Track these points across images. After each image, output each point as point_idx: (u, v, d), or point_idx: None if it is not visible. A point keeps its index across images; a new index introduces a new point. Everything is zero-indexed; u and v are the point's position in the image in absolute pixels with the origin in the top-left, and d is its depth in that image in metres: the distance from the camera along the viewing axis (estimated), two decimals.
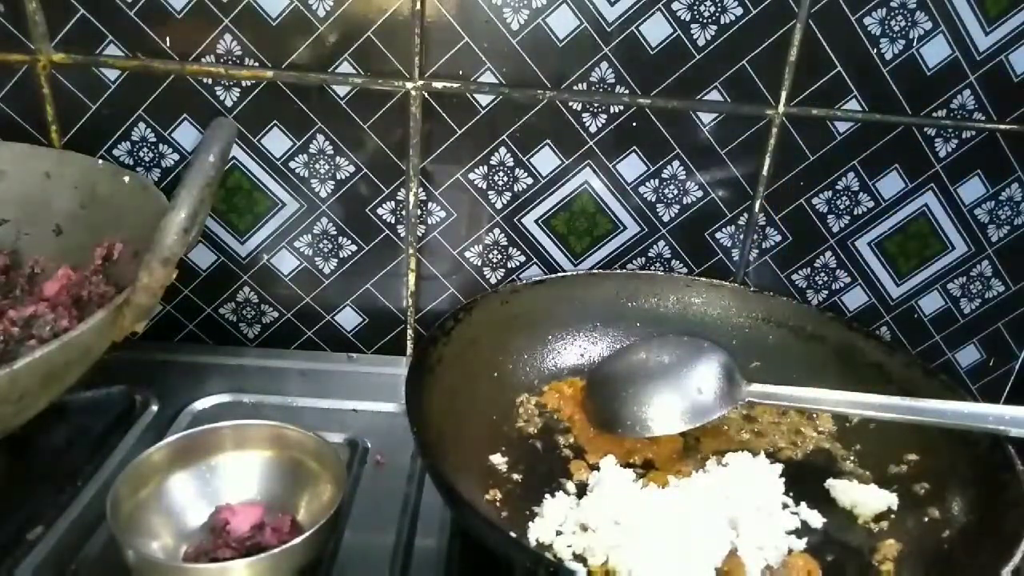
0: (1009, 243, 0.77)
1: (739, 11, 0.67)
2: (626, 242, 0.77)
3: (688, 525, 0.53)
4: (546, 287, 0.71)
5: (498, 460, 0.61)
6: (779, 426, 0.66)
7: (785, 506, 0.58)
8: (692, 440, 0.64)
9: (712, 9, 0.67)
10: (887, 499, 0.58)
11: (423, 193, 0.75)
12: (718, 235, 0.77)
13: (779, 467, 0.59)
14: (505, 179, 0.74)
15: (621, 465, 0.60)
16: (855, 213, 0.76)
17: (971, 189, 0.75)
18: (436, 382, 0.59)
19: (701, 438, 0.64)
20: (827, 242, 0.77)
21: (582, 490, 0.59)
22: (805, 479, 0.61)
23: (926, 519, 0.56)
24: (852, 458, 0.63)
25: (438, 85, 0.70)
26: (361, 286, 0.79)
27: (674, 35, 0.68)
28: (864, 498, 0.58)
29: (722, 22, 0.68)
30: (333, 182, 0.74)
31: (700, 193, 0.75)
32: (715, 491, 0.56)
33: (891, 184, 0.74)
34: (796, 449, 0.64)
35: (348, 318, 0.80)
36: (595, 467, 0.60)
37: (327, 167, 0.73)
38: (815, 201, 0.75)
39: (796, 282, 0.79)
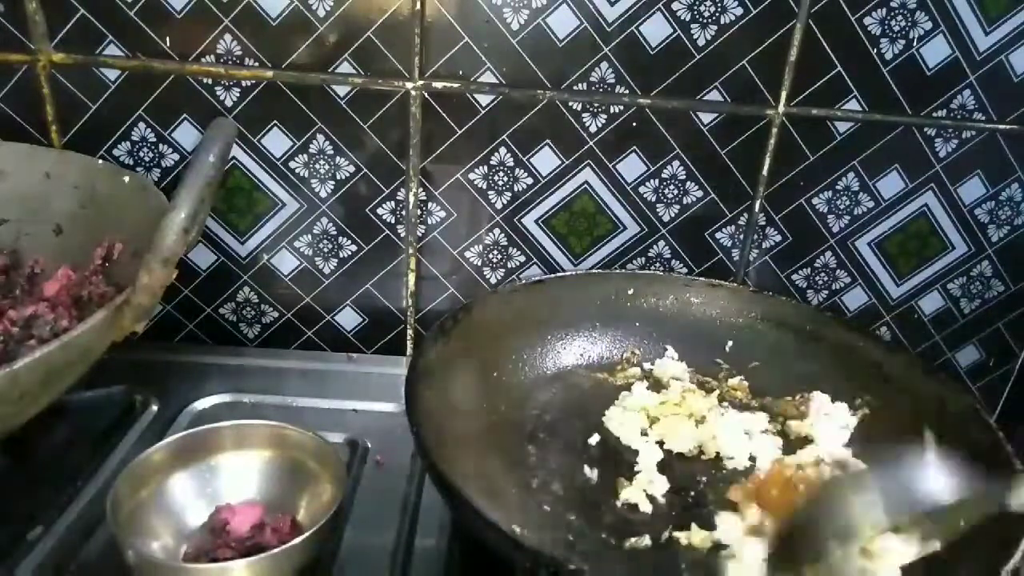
0: (1009, 243, 0.77)
1: (739, 11, 0.67)
2: (626, 242, 0.77)
3: None
4: (546, 287, 0.71)
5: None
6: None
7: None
8: None
9: (712, 9, 0.67)
10: None
11: (423, 193, 0.75)
12: (718, 235, 0.77)
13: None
14: (505, 179, 0.74)
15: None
16: (855, 213, 0.76)
17: (971, 189, 0.75)
18: (436, 382, 0.59)
19: None
20: (827, 242, 0.77)
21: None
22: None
23: None
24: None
25: (438, 85, 0.70)
26: (361, 286, 0.79)
27: (674, 35, 0.68)
28: None
29: (722, 22, 0.68)
30: (333, 182, 0.74)
31: (700, 193, 0.75)
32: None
33: (891, 184, 0.74)
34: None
35: (348, 318, 0.80)
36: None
37: (327, 167, 0.73)
38: (815, 201, 0.75)
39: (796, 282, 0.79)
